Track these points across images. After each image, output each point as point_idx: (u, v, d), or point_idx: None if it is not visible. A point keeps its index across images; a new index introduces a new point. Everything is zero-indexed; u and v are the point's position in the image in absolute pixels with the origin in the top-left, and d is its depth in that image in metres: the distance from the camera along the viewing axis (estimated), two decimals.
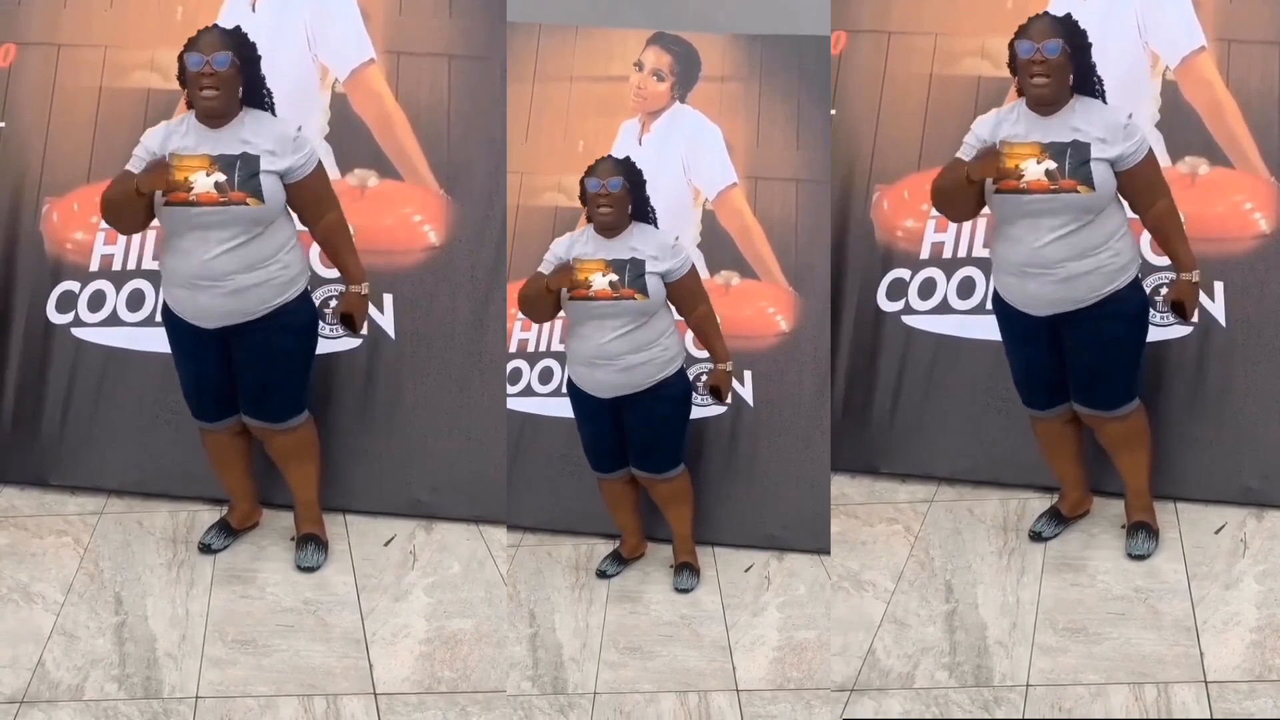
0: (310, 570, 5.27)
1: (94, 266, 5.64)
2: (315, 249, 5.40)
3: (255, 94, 4.97)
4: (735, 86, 5.83)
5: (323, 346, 5.51)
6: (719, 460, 5.72)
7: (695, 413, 5.68)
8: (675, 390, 5.34)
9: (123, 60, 5.67)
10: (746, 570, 5.49)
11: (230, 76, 4.86)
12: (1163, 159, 5.45)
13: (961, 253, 5.69)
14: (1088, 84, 4.90)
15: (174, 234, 4.93)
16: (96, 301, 5.63)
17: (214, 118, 4.89)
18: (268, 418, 5.16)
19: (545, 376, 5.81)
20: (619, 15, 5.96)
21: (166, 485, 5.55)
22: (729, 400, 5.53)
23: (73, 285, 5.64)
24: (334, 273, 5.50)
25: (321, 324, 5.48)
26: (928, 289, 5.72)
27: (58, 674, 4.88)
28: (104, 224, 5.59)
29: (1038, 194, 4.82)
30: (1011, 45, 4.89)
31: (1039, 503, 5.48)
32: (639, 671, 5.08)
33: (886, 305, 5.76)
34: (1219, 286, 5.40)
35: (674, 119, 5.83)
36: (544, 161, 5.86)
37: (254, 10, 5.59)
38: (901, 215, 5.78)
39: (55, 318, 5.65)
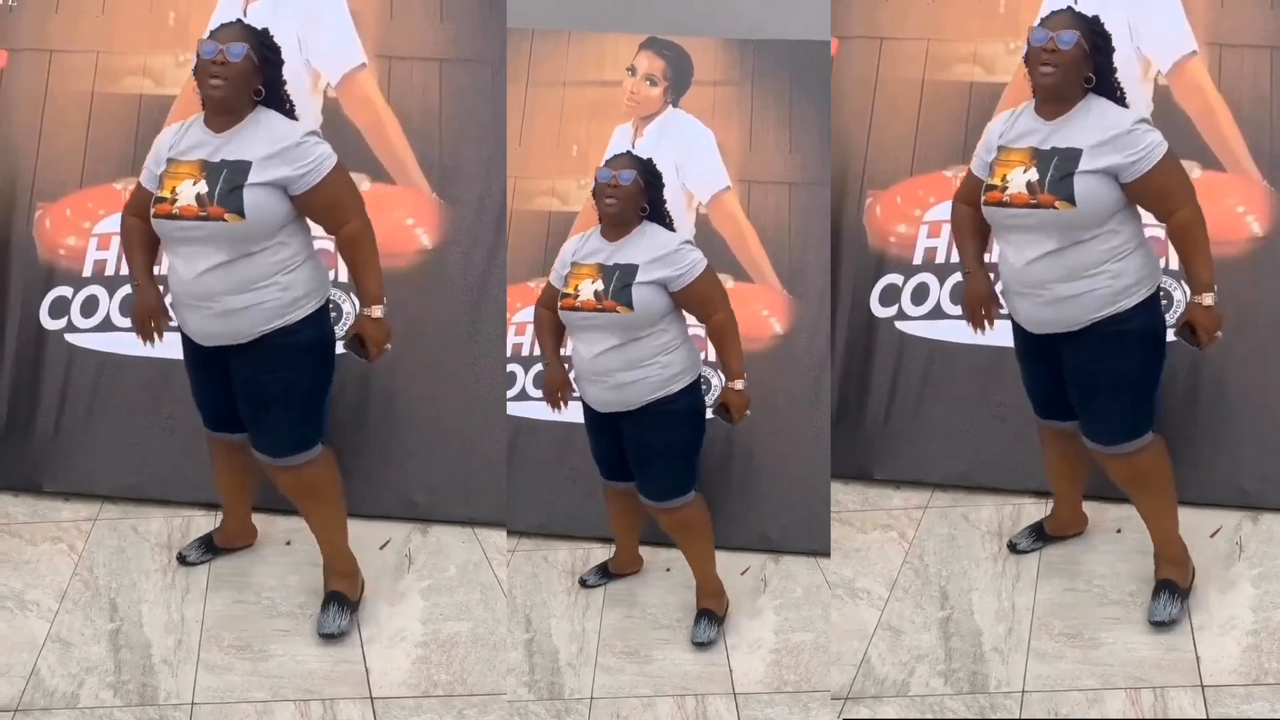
0: (331, 637, 4.95)
1: (87, 272, 5.63)
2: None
3: (274, 96, 4.69)
4: (728, 91, 5.84)
5: None
6: (714, 463, 5.71)
7: None
8: (676, 410, 4.98)
9: (114, 66, 5.66)
10: (743, 573, 5.49)
11: (243, 70, 4.56)
12: None
13: (954, 258, 5.67)
14: (1107, 87, 4.60)
15: (166, 247, 4.68)
16: (90, 307, 5.61)
17: (219, 114, 4.59)
18: (266, 451, 4.79)
19: (540, 380, 5.79)
20: (612, 20, 5.95)
21: (161, 491, 5.54)
22: (740, 420, 5.05)
23: (66, 291, 5.63)
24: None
25: None
26: (921, 294, 5.73)
27: (53, 682, 4.86)
28: (97, 230, 5.63)
29: (1018, 208, 4.53)
30: (1029, 37, 4.58)
31: (1034, 508, 5.49)
32: (636, 676, 5.08)
33: (879, 311, 5.76)
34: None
35: (667, 123, 5.83)
36: (538, 166, 5.86)
37: (245, 15, 5.58)
38: (894, 220, 5.78)
39: (48, 323, 5.64)
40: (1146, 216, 4.67)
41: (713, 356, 5.65)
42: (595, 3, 6.03)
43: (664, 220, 5.07)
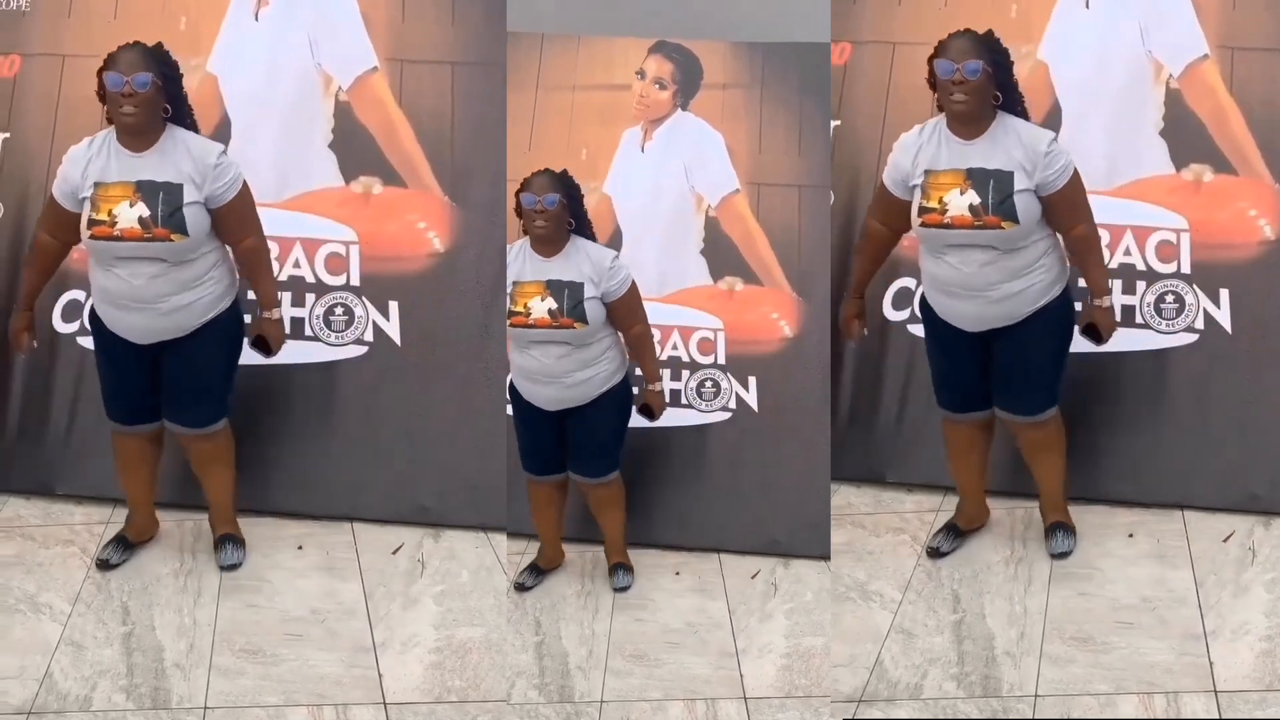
0: (233, 568, 5.29)
1: None
2: (322, 253, 5.60)
3: (180, 112, 4.97)
4: (736, 94, 5.84)
5: (327, 354, 5.59)
6: (724, 465, 5.73)
7: (699, 418, 5.73)
8: (617, 399, 5.37)
9: None
10: (753, 577, 5.49)
11: (151, 96, 4.86)
12: (1167, 166, 5.49)
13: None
14: (1010, 102, 4.92)
15: (100, 263, 4.97)
16: None
17: (134, 136, 4.91)
18: (192, 424, 5.17)
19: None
20: (621, 24, 5.96)
21: (172, 494, 5.52)
22: (658, 418, 5.47)
23: (78, 294, 5.62)
24: (340, 279, 5.55)
25: (328, 331, 5.55)
26: None
27: (65, 685, 4.87)
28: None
29: (962, 229, 4.86)
30: (931, 63, 4.89)
31: None
32: (646, 679, 5.08)
33: (892, 315, 5.75)
34: (1224, 293, 5.42)
35: (676, 126, 5.83)
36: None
37: (257, 19, 5.60)
38: None
39: (60, 327, 5.65)
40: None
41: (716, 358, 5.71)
42: (605, 7, 6.04)
43: (587, 230, 5.33)
